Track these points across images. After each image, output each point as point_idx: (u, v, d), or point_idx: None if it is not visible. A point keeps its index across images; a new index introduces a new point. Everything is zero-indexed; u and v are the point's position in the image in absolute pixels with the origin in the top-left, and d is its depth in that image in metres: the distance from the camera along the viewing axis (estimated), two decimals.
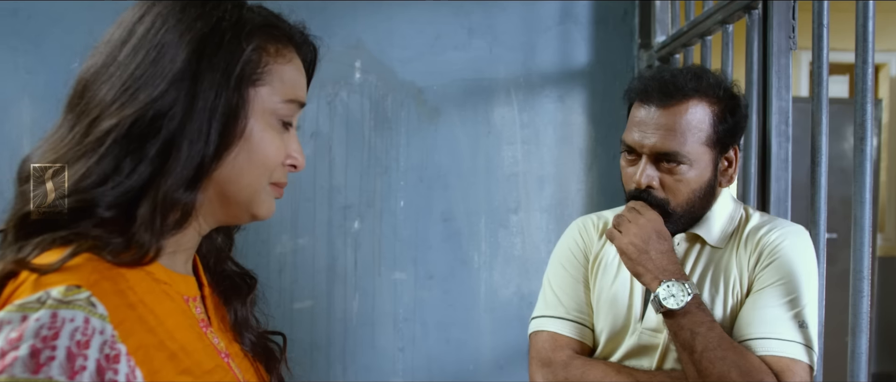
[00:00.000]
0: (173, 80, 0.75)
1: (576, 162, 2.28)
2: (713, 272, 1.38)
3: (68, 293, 0.68)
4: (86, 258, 0.71)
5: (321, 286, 2.22)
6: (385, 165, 2.23)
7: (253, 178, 0.82)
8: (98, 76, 0.77)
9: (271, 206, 0.86)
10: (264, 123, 0.81)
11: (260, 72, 0.80)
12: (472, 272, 2.26)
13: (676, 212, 1.37)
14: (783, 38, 1.61)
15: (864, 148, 1.18)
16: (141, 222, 0.75)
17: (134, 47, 0.76)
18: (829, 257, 1.42)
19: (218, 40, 0.77)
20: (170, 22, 0.77)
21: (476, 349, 2.25)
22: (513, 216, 2.26)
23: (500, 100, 2.25)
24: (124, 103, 0.74)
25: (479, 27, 2.23)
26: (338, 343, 2.23)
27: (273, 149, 0.82)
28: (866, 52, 1.17)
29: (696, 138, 1.33)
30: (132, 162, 0.74)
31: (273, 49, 0.82)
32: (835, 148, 3.61)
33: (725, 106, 1.35)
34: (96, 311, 0.68)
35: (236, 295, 0.95)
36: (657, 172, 1.35)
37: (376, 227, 2.23)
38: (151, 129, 0.74)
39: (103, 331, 0.68)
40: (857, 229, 1.19)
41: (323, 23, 2.13)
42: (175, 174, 0.75)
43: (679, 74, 1.37)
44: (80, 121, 0.76)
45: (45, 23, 2.11)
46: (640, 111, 1.37)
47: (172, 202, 0.76)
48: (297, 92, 0.85)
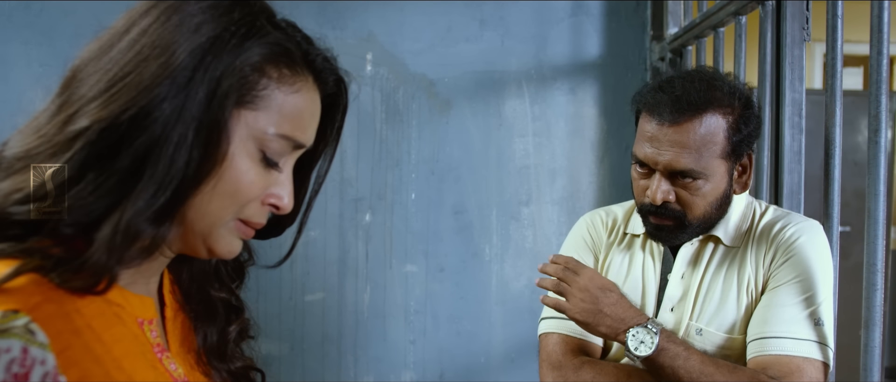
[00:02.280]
0: (163, 85, 0.66)
1: (587, 155, 2.27)
2: (726, 271, 1.36)
3: (4, 319, 0.60)
4: (29, 279, 0.63)
5: (332, 279, 2.22)
6: (396, 157, 2.23)
7: (216, 207, 0.71)
8: (89, 66, 0.69)
9: (233, 244, 0.75)
10: (245, 152, 0.71)
11: (254, 94, 0.70)
12: (484, 264, 2.26)
13: (693, 224, 1.34)
14: (797, 30, 1.60)
15: (879, 140, 1.17)
16: (98, 247, 0.65)
17: (131, 41, 0.68)
18: (843, 250, 1.41)
19: (219, 49, 0.68)
20: (174, 21, 0.68)
21: (487, 341, 2.26)
22: (524, 209, 2.25)
23: (511, 92, 2.24)
24: (105, 102, 0.65)
25: (490, 19, 2.23)
26: (349, 336, 2.23)
27: (247, 181, 0.71)
28: (881, 43, 1.16)
29: (710, 153, 1.28)
30: (97, 175, 0.65)
31: (276, 73, 0.71)
32: (849, 141, 3.58)
33: (740, 115, 1.30)
34: (35, 339, 0.60)
35: (209, 320, 0.86)
36: (672, 186, 1.31)
37: (388, 219, 2.23)
38: (126, 137, 0.65)
39: (44, 361, 0.60)
40: (871, 222, 1.18)
41: (334, 15, 2.14)
42: (145, 198, 0.65)
43: (691, 86, 1.30)
44: (60, 113, 0.68)
45: (58, 16, 2.12)
46: (650, 125, 1.31)
47: (137, 233, 0.66)
48: (295, 130, 0.73)
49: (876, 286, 1.18)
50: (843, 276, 1.36)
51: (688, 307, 1.37)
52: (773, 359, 1.25)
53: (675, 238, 1.37)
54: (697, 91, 1.28)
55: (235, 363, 0.87)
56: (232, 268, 0.88)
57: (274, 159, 0.73)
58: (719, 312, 1.34)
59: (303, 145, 0.75)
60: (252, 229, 0.76)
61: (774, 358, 1.25)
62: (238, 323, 0.87)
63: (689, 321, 1.36)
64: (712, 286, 1.36)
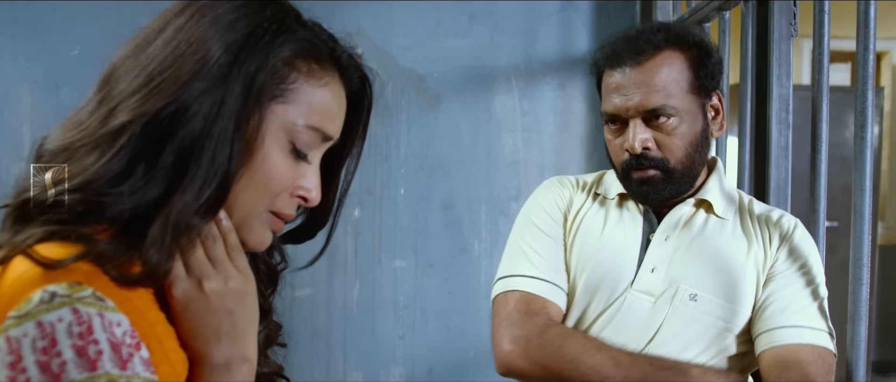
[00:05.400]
0: (202, 80, 0.69)
1: (576, 150, 2.27)
2: (728, 241, 1.31)
3: (73, 289, 0.63)
4: (85, 263, 0.66)
5: (321, 275, 2.22)
6: (385, 152, 2.22)
7: (250, 198, 0.74)
8: (126, 63, 0.72)
9: (264, 236, 0.78)
10: (276, 144, 0.74)
11: (284, 88, 0.74)
12: (473, 259, 2.26)
13: (677, 169, 1.27)
14: (784, 26, 1.61)
15: (865, 136, 1.18)
16: (151, 244, 0.68)
17: (167, 39, 0.71)
18: (830, 245, 1.42)
19: (252, 46, 0.71)
20: (208, 17, 0.71)
21: (476, 336, 2.26)
22: (513, 204, 2.25)
23: (500, 87, 2.24)
24: (145, 97, 0.68)
25: (480, 14, 2.23)
26: (338, 331, 2.23)
27: (278, 172, 0.74)
28: (867, 39, 1.17)
29: (679, 88, 1.25)
30: (146, 168, 0.68)
31: (306, 67, 0.75)
32: (836, 136, 3.60)
33: (699, 51, 1.28)
34: (107, 305, 0.64)
35: None
36: (649, 132, 1.26)
37: (377, 215, 2.23)
38: (169, 131, 0.68)
39: (120, 323, 0.64)
40: (856, 217, 1.19)
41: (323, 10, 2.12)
42: (192, 192, 0.68)
43: (644, 29, 1.31)
44: (99, 108, 0.71)
45: (45, 10, 2.10)
46: (613, 76, 1.28)
47: (187, 227, 0.69)
48: (324, 121, 0.77)
49: (861, 281, 1.19)
50: (829, 271, 1.36)
51: (677, 270, 1.30)
52: (794, 349, 1.21)
53: (662, 192, 1.29)
54: (652, 31, 1.28)
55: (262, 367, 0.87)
56: (265, 274, 0.90)
57: (303, 151, 0.76)
58: (717, 279, 1.28)
59: (331, 137, 0.79)
60: (282, 221, 0.79)
61: (796, 348, 1.21)
62: (265, 327, 0.88)
63: (681, 285, 1.28)
64: (707, 251, 1.30)
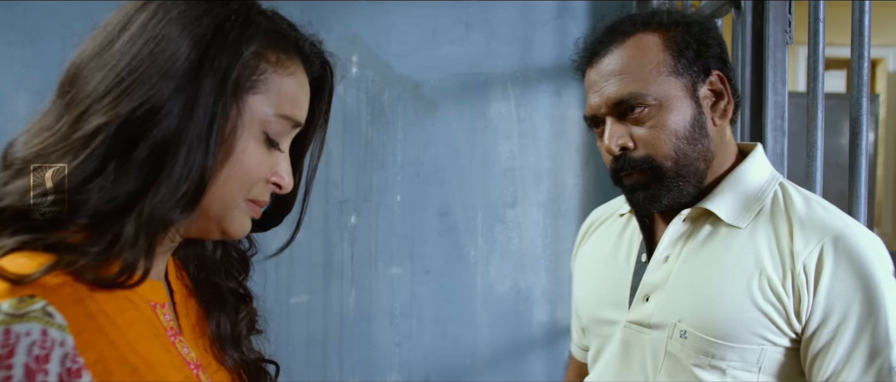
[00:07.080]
0: (173, 77, 0.68)
1: (572, 157, 2.28)
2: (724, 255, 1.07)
3: (21, 304, 0.61)
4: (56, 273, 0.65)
5: (318, 281, 2.22)
6: (382, 159, 2.22)
7: (229, 190, 0.74)
8: (91, 63, 0.70)
9: (245, 224, 0.79)
10: (251, 135, 0.74)
11: (255, 79, 0.74)
12: (469, 266, 2.26)
13: (667, 167, 1.08)
14: (779, 33, 1.61)
15: (860, 143, 1.19)
16: (125, 243, 0.67)
17: (132, 37, 0.70)
18: None
19: (221, 40, 0.71)
20: (173, 14, 0.71)
21: (473, 343, 2.26)
22: (509, 211, 2.26)
23: (496, 94, 2.25)
24: (117, 98, 0.67)
25: (476, 21, 2.23)
26: (334, 338, 2.23)
27: (255, 162, 0.75)
28: (862, 46, 1.17)
29: (654, 72, 1.08)
30: (117, 165, 0.67)
31: (274, 57, 0.76)
32: (832, 143, 3.61)
33: (681, 29, 1.11)
34: (54, 321, 0.62)
35: (219, 308, 0.89)
36: (625, 128, 1.10)
37: (373, 222, 2.23)
38: (143, 131, 0.67)
39: (64, 343, 0.62)
40: None
41: (320, 17, 2.13)
42: (169, 187, 0.68)
43: (619, 19, 1.17)
44: (68, 111, 0.70)
45: (42, 17, 2.10)
46: (588, 75, 1.15)
47: (163, 221, 0.69)
48: (294, 109, 0.78)
49: None
50: None
51: (670, 298, 1.09)
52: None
53: (660, 199, 1.09)
54: (621, 22, 1.15)
55: (250, 353, 0.90)
56: (237, 260, 0.92)
57: (275, 139, 0.77)
58: (708, 308, 1.05)
59: (300, 124, 0.80)
60: (259, 206, 0.80)
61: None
62: (247, 312, 0.91)
63: (673, 319, 1.08)
64: (703, 273, 1.08)
